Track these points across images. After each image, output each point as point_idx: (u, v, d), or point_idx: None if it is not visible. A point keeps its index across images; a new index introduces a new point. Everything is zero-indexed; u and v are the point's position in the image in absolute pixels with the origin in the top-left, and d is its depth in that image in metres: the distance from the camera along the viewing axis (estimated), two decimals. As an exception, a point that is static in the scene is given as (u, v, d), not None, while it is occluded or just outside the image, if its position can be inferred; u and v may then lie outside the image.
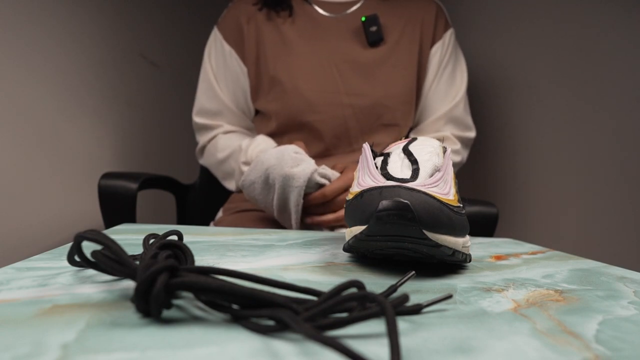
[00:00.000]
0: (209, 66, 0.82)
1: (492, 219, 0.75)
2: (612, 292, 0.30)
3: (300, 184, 0.60)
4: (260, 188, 0.63)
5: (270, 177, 0.61)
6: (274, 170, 0.61)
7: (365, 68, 0.76)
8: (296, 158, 0.61)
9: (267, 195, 0.63)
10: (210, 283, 0.19)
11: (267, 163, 0.61)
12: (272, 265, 0.33)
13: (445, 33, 0.81)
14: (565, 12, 0.87)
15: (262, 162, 0.62)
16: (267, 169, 0.61)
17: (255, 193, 0.64)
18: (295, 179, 0.60)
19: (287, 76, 0.76)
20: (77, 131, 0.95)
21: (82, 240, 0.23)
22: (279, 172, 0.60)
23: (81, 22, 0.96)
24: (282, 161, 0.61)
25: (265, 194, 0.63)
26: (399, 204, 0.28)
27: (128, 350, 0.17)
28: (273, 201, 0.63)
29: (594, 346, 0.20)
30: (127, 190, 0.73)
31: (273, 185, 0.62)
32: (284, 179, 0.60)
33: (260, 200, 0.64)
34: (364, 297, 0.19)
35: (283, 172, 0.60)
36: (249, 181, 0.63)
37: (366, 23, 0.76)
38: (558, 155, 0.88)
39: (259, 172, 0.62)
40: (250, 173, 0.63)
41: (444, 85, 0.81)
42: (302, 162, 0.61)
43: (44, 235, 0.86)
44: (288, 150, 0.62)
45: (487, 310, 0.24)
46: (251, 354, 0.17)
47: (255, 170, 0.63)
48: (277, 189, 0.61)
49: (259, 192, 0.64)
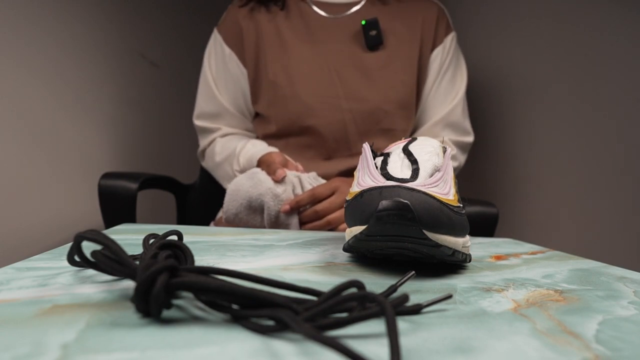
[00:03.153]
0: (209, 69, 0.82)
1: (492, 219, 0.75)
2: (612, 292, 0.30)
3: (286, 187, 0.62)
4: (245, 216, 0.63)
5: (252, 199, 0.61)
6: (254, 190, 0.61)
7: (364, 72, 0.76)
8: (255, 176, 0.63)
9: (255, 218, 0.63)
10: (210, 283, 0.19)
11: (243, 189, 0.62)
12: (272, 265, 0.33)
13: (446, 37, 0.80)
14: (565, 13, 0.87)
15: (238, 190, 0.62)
16: (247, 193, 0.61)
17: (242, 223, 0.64)
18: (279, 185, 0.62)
19: (286, 80, 0.75)
20: (77, 131, 0.95)
21: (82, 240, 0.23)
22: (262, 187, 0.61)
23: (81, 22, 0.96)
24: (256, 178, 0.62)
25: (252, 218, 0.63)
26: (399, 204, 0.28)
27: (128, 350, 0.17)
28: (264, 220, 0.63)
29: (594, 346, 0.20)
30: (127, 190, 0.73)
31: (258, 207, 0.62)
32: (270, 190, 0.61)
33: (253, 222, 0.64)
34: (364, 297, 0.19)
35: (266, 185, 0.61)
36: (232, 215, 0.63)
37: (366, 27, 0.75)
38: (558, 155, 0.88)
39: (238, 201, 0.62)
40: (229, 207, 0.63)
41: (443, 90, 0.80)
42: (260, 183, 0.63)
43: (44, 235, 0.86)
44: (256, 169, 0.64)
45: (487, 310, 0.24)
46: (251, 354, 0.17)
47: (232, 202, 0.63)
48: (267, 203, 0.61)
49: (246, 221, 0.63)
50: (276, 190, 0.61)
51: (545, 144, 0.91)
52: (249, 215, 0.63)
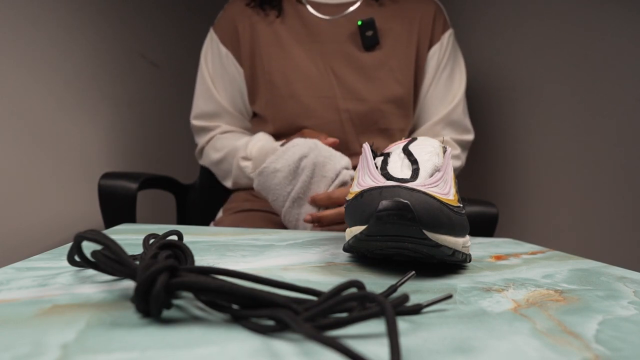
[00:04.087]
0: (206, 68, 0.82)
1: (492, 219, 0.75)
2: (612, 292, 0.30)
3: (332, 176, 0.60)
4: (282, 177, 0.60)
5: (301, 166, 0.59)
6: (307, 159, 0.59)
7: (361, 72, 0.76)
8: (330, 149, 0.61)
9: (287, 185, 0.60)
10: (210, 283, 0.19)
11: (300, 152, 0.60)
12: (272, 265, 0.33)
13: (443, 34, 0.80)
14: (566, 13, 0.87)
15: (293, 151, 0.60)
16: (301, 157, 0.59)
17: (273, 182, 0.60)
18: (328, 169, 0.59)
19: (282, 81, 0.75)
20: (78, 131, 0.95)
21: (82, 240, 0.23)
22: (312, 160, 0.59)
23: (81, 22, 0.96)
24: (315, 151, 0.60)
25: (286, 183, 0.60)
26: (399, 204, 0.28)
27: (128, 350, 0.17)
28: (291, 193, 0.60)
29: (594, 346, 0.20)
30: (127, 190, 0.73)
31: (300, 175, 0.60)
32: (316, 166, 0.59)
33: (277, 190, 0.61)
34: (364, 297, 0.19)
35: (317, 160, 0.59)
36: (272, 169, 0.60)
37: (362, 27, 0.75)
38: (558, 155, 0.88)
39: (288, 160, 0.60)
40: (277, 161, 0.60)
41: (441, 88, 0.80)
42: (336, 156, 0.61)
43: (44, 235, 0.86)
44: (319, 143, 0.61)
45: (487, 310, 0.24)
46: (251, 354, 0.17)
47: (282, 159, 0.60)
48: (304, 176, 0.59)
49: (279, 182, 0.60)
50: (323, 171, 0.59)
51: (545, 143, 0.91)
52: (286, 178, 0.60)
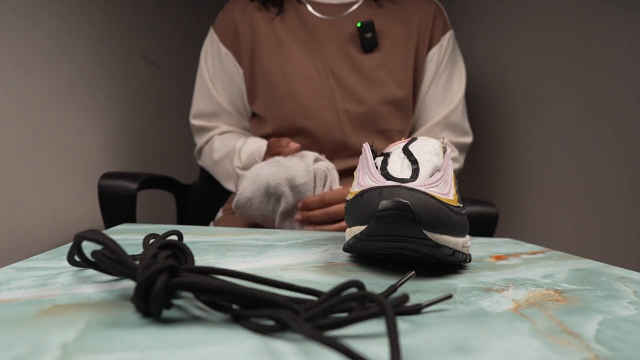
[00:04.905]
0: (205, 68, 0.82)
1: (492, 219, 0.75)
2: (612, 292, 0.30)
3: (308, 179, 0.60)
4: (258, 202, 0.62)
5: (271, 187, 0.60)
6: (274, 178, 0.60)
7: (360, 73, 0.75)
8: (290, 158, 0.61)
9: (267, 206, 0.62)
10: (210, 283, 0.19)
11: (264, 174, 0.61)
12: (272, 265, 0.33)
13: (443, 36, 0.80)
14: (566, 14, 0.87)
15: (258, 174, 0.61)
16: (267, 179, 0.60)
17: (252, 209, 0.63)
18: (300, 175, 0.60)
19: (282, 81, 0.75)
20: (77, 131, 0.95)
21: (82, 240, 0.23)
22: (283, 177, 0.60)
23: (81, 22, 0.96)
24: (277, 167, 0.61)
25: (264, 204, 0.62)
26: (399, 204, 0.28)
27: (128, 350, 0.17)
28: (277, 210, 0.62)
29: (594, 346, 0.20)
30: (127, 190, 0.73)
31: (274, 194, 0.61)
32: (289, 181, 0.60)
33: (258, 215, 0.63)
34: (364, 297, 0.19)
35: (287, 175, 0.60)
36: (245, 198, 0.62)
37: (361, 29, 0.75)
38: (558, 155, 0.88)
39: (255, 185, 0.61)
40: (245, 190, 0.62)
41: (441, 90, 0.80)
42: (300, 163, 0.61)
43: (44, 235, 0.86)
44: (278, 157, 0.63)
45: (487, 310, 0.24)
46: (251, 354, 0.17)
47: (251, 186, 0.62)
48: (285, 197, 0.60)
49: (257, 207, 0.62)
50: (297, 181, 0.60)
51: (545, 144, 0.91)
52: (263, 202, 0.62)
